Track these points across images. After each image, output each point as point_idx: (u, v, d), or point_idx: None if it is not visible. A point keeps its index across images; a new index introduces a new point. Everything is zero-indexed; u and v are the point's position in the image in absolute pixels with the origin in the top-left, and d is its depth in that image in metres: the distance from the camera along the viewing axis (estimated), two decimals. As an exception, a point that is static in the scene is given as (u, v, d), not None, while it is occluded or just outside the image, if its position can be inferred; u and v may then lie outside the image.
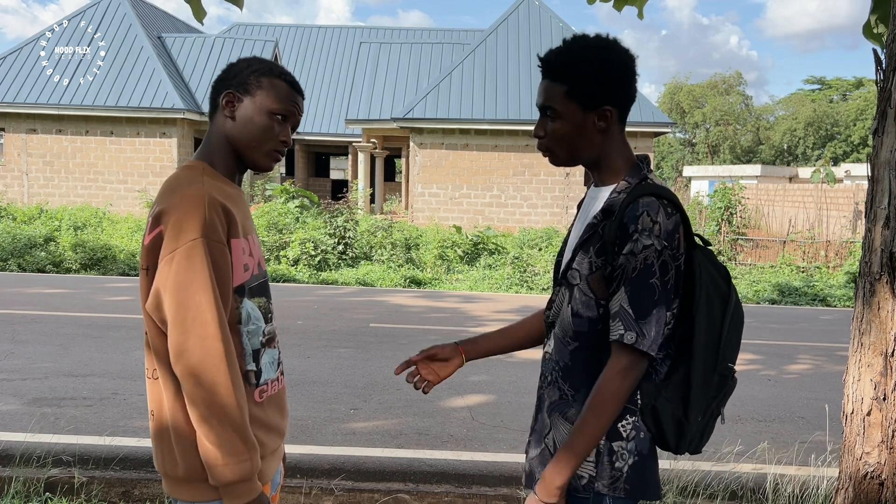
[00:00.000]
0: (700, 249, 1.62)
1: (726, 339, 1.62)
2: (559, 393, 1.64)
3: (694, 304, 1.57)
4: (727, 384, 1.66)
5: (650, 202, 1.51)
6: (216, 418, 1.47)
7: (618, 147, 1.64)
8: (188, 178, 1.57)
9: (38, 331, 7.12)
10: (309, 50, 31.67)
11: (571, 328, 1.61)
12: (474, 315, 9.03)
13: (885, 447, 2.25)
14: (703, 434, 1.65)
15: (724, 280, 1.63)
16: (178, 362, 1.47)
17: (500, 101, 19.38)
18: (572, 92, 1.58)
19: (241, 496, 1.50)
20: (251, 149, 1.64)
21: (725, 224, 15.67)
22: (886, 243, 2.24)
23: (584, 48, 1.59)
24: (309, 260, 12.72)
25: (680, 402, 1.58)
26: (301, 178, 29.90)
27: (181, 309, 1.47)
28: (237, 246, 1.58)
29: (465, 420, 4.90)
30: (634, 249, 1.49)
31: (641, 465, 1.58)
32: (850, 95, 60.83)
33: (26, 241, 12.66)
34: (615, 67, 1.58)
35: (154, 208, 1.55)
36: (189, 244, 1.47)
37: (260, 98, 1.62)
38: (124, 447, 4.03)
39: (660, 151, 59.23)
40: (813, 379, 6.35)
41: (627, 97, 1.61)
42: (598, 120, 1.60)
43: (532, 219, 19.17)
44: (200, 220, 1.49)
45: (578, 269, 1.60)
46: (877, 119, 2.35)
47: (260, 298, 1.65)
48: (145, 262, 1.55)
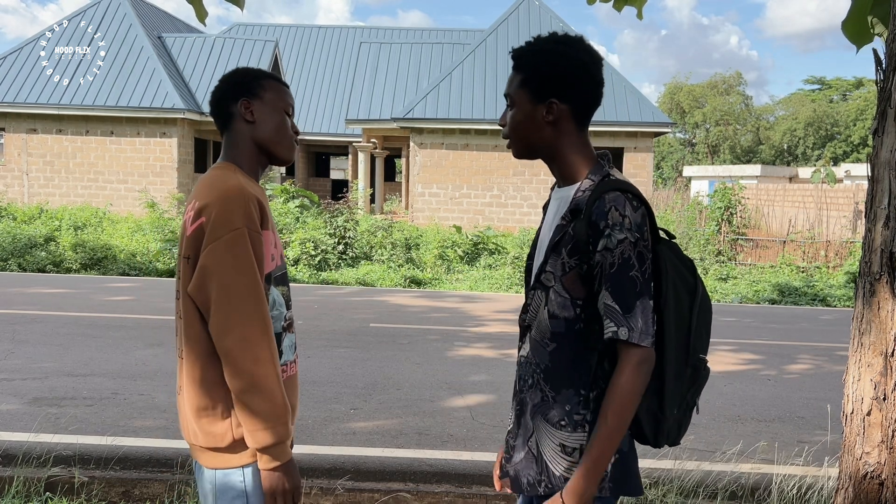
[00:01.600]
0: (664, 243, 1.63)
1: (696, 330, 1.63)
2: (541, 395, 1.64)
3: (661, 298, 1.58)
4: (700, 375, 1.67)
5: (616, 197, 1.53)
6: (258, 388, 1.61)
7: (573, 145, 1.65)
8: (224, 176, 1.72)
9: (38, 331, 7.12)
10: (309, 50, 31.65)
11: (549, 330, 1.62)
12: (474, 315, 9.03)
13: (885, 447, 2.25)
14: (681, 426, 1.67)
15: (689, 272, 1.64)
16: (223, 339, 1.61)
17: (501, 101, 19.35)
18: (524, 82, 1.64)
19: (278, 458, 1.66)
20: (276, 144, 1.82)
21: (725, 224, 15.66)
22: (886, 243, 2.24)
23: (546, 42, 1.63)
24: (309, 260, 12.72)
25: (654, 395, 1.59)
26: (301, 178, 29.88)
27: (226, 291, 1.61)
28: (267, 237, 1.72)
29: (465, 420, 4.90)
30: (609, 245, 1.51)
31: (622, 463, 1.60)
32: (850, 95, 60.83)
33: (26, 240, 12.66)
34: (568, 64, 1.60)
35: (193, 203, 1.70)
36: (234, 233, 1.62)
37: (269, 98, 1.81)
38: (124, 447, 4.03)
39: (660, 151, 59.23)
40: (813, 379, 6.35)
41: (582, 96, 1.62)
42: (546, 113, 1.62)
43: (532, 219, 19.16)
44: (243, 212, 1.64)
45: (553, 270, 1.61)
46: (877, 119, 2.35)
47: (282, 287, 1.80)
48: (187, 252, 1.69)
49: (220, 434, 1.69)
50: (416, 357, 6.63)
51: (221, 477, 1.72)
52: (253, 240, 1.65)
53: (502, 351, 7.01)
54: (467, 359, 6.66)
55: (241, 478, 1.72)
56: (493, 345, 7.27)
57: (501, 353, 6.94)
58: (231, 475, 1.72)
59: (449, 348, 7.05)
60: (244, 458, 1.71)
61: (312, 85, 29.82)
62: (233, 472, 1.71)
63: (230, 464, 1.71)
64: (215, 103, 1.83)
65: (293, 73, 30.06)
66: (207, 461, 1.74)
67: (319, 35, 32.56)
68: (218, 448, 1.71)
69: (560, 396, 1.61)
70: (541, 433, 1.63)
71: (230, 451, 1.71)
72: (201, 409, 1.70)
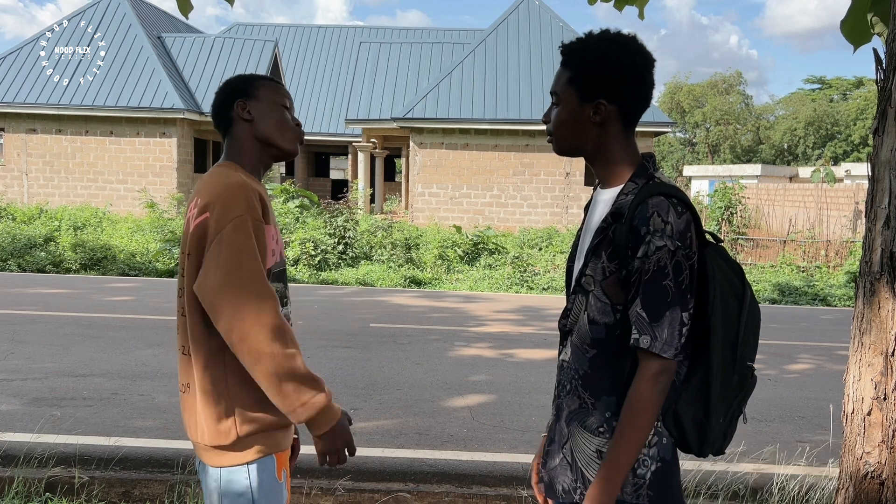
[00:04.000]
0: (712, 247, 1.59)
1: (743, 337, 1.58)
2: (579, 401, 1.61)
3: (709, 303, 1.54)
4: (747, 383, 1.62)
5: (659, 202, 1.49)
6: (284, 369, 1.61)
7: (619, 146, 1.61)
8: (226, 173, 1.74)
9: (38, 331, 7.12)
10: (309, 50, 31.64)
11: (589, 335, 1.58)
12: (474, 315, 9.03)
13: (885, 447, 2.25)
14: (726, 435, 1.62)
15: (738, 277, 1.60)
16: (236, 324, 1.60)
17: (500, 101, 19.38)
18: (573, 80, 1.59)
19: (324, 425, 1.69)
20: (278, 137, 1.84)
21: (726, 224, 15.67)
22: (886, 243, 2.24)
23: (597, 40, 1.58)
24: (309, 260, 12.72)
25: (700, 404, 1.55)
26: (301, 178, 29.89)
27: (235, 276, 1.61)
28: (269, 231, 1.73)
29: (465, 420, 4.90)
30: (647, 252, 1.47)
31: (665, 471, 1.55)
32: (850, 95, 60.82)
33: (26, 241, 12.66)
34: (618, 64, 1.56)
35: (196, 200, 1.72)
36: (236, 220, 1.64)
37: (265, 96, 1.84)
38: (124, 447, 4.03)
39: (660, 151, 59.22)
40: (813, 379, 6.35)
41: (631, 97, 1.58)
42: (594, 113, 1.58)
43: (532, 218, 19.17)
44: (245, 201, 1.66)
45: (592, 274, 1.56)
46: (877, 118, 2.35)
47: (279, 284, 1.81)
48: (190, 248, 1.70)
49: (224, 431, 1.70)
50: (416, 357, 6.63)
51: (226, 475, 1.73)
52: (256, 228, 1.66)
53: (502, 351, 7.01)
54: (467, 359, 6.65)
55: (245, 475, 1.73)
56: (493, 345, 7.27)
57: (502, 353, 6.94)
58: (236, 473, 1.72)
59: (449, 348, 7.05)
60: (248, 456, 1.72)
61: (312, 85, 29.80)
62: (238, 470, 1.72)
63: (235, 461, 1.72)
64: (215, 112, 1.86)
65: (293, 72, 30.06)
66: (212, 459, 1.74)
67: (319, 35, 32.55)
68: (223, 446, 1.71)
69: (599, 403, 1.57)
70: (576, 440, 1.60)
71: (235, 449, 1.71)
72: (208, 406, 1.71)
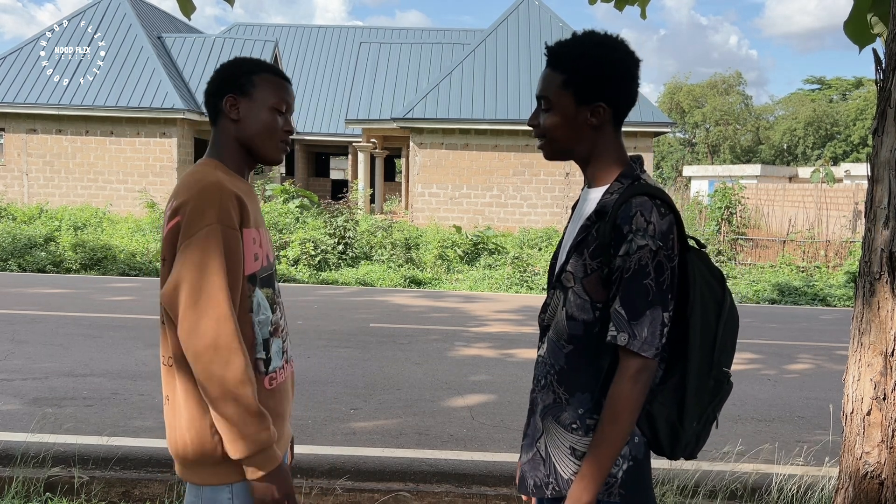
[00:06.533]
0: (694, 251, 1.60)
1: (721, 342, 1.60)
2: (553, 396, 1.62)
3: (688, 306, 1.55)
4: (723, 389, 1.63)
5: (643, 202, 1.50)
6: (231, 395, 1.52)
7: (611, 147, 1.62)
8: (203, 172, 1.65)
9: (38, 331, 7.12)
10: (309, 50, 31.65)
11: (566, 331, 1.59)
12: (474, 315, 9.03)
13: (884, 447, 2.25)
14: (699, 439, 1.63)
15: (718, 283, 1.61)
16: (191, 341, 1.52)
17: (500, 101, 19.38)
18: (568, 83, 1.58)
19: (262, 467, 1.57)
20: (260, 145, 1.72)
21: (725, 224, 15.67)
22: (886, 243, 2.24)
23: (589, 43, 1.59)
24: (309, 260, 12.72)
25: (675, 406, 1.56)
26: (301, 178, 29.87)
27: (195, 291, 1.53)
28: (248, 235, 1.65)
29: (465, 420, 4.90)
30: (629, 251, 1.48)
31: (637, 470, 1.56)
32: (849, 95, 60.81)
33: (26, 241, 12.66)
34: (615, 66, 1.57)
35: (171, 202, 1.63)
36: (206, 229, 1.55)
37: (258, 95, 1.71)
38: (124, 447, 4.03)
39: (660, 151, 59.22)
40: (813, 379, 6.35)
41: (624, 99, 1.60)
42: (591, 116, 1.59)
43: (532, 219, 19.17)
44: (216, 208, 1.57)
45: (573, 271, 1.58)
46: (877, 119, 2.35)
47: (268, 289, 1.72)
48: (164, 254, 1.63)
49: (209, 448, 1.61)
50: (416, 357, 6.63)
51: (209, 494, 1.64)
52: (227, 236, 1.57)
53: (502, 351, 7.01)
54: (467, 359, 6.66)
55: (228, 495, 1.64)
56: (493, 345, 7.27)
57: (502, 353, 6.94)
58: (219, 492, 1.64)
59: (449, 348, 7.05)
60: (233, 476, 1.63)
61: (312, 85, 29.81)
62: (221, 489, 1.63)
63: (218, 480, 1.63)
64: (206, 98, 1.75)
65: (293, 73, 30.06)
66: (194, 477, 1.65)
67: (319, 35, 32.57)
68: (205, 463, 1.62)
69: (573, 399, 1.58)
70: (550, 435, 1.61)
71: (218, 466, 1.62)
72: (191, 420, 1.61)
